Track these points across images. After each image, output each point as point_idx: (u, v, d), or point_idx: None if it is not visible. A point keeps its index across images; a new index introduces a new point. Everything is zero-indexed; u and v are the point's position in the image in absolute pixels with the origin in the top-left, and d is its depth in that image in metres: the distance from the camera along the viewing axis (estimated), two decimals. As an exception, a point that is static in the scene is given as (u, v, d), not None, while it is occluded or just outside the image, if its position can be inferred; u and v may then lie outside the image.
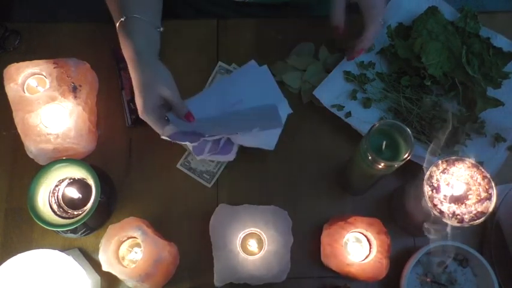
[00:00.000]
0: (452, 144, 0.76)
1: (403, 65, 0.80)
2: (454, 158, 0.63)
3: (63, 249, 0.72)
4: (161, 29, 0.75)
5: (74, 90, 0.73)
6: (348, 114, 0.78)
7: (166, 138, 0.71)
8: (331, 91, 0.79)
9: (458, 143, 0.76)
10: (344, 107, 0.78)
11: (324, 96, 0.78)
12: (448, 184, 0.62)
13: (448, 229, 0.60)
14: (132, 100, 0.80)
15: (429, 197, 0.62)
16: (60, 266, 0.66)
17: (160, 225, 0.72)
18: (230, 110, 0.78)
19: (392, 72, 0.81)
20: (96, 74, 0.80)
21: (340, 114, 0.78)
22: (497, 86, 0.79)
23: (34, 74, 0.74)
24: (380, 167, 0.61)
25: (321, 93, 0.78)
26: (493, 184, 0.61)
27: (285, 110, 0.78)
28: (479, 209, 0.61)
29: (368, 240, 0.70)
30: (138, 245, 0.68)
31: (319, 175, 0.78)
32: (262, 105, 0.77)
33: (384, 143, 0.62)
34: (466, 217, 0.61)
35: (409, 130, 0.60)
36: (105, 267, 0.64)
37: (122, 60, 0.82)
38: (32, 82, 0.74)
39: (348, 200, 0.77)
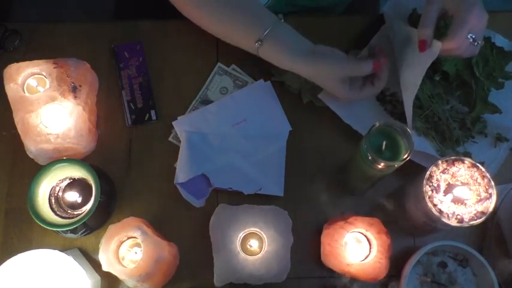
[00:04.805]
0: (459, 144, 0.75)
1: None
2: (453, 158, 0.63)
3: (63, 249, 0.72)
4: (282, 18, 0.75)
5: (74, 90, 0.73)
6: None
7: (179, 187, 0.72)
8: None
9: (464, 143, 0.76)
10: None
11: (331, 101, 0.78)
12: (448, 184, 0.62)
13: None
14: (132, 100, 0.81)
15: (429, 197, 0.62)
16: (60, 266, 0.66)
17: (160, 225, 0.72)
18: (234, 132, 0.78)
19: None
20: (96, 74, 0.80)
21: (342, 113, 0.78)
22: (500, 87, 0.78)
23: (34, 74, 0.74)
24: (380, 167, 0.61)
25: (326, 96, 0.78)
26: (493, 184, 0.61)
27: (286, 127, 0.79)
28: (479, 209, 0.61)
29: (368, 240, 0.70)
30: (138, 245, 0.68)
31: (319, 175, 0.78)
32: (271, 162, 0.77)
33: (384, 143, 0.62)
34: (466, 217, 0.61)
35: (409, 130, 0.60)
36: (105, 267, 0.64)
37: (122, 60, 0.83)
38: (32, 82, 0.74)
39: (348, 200, 0.77)
